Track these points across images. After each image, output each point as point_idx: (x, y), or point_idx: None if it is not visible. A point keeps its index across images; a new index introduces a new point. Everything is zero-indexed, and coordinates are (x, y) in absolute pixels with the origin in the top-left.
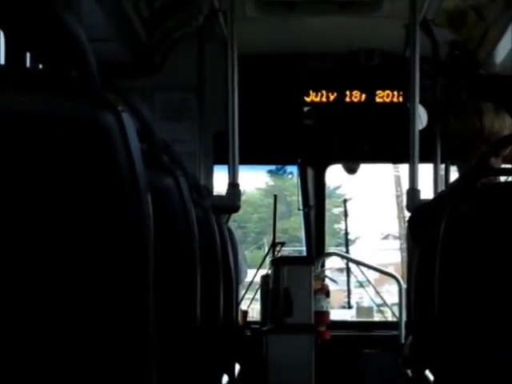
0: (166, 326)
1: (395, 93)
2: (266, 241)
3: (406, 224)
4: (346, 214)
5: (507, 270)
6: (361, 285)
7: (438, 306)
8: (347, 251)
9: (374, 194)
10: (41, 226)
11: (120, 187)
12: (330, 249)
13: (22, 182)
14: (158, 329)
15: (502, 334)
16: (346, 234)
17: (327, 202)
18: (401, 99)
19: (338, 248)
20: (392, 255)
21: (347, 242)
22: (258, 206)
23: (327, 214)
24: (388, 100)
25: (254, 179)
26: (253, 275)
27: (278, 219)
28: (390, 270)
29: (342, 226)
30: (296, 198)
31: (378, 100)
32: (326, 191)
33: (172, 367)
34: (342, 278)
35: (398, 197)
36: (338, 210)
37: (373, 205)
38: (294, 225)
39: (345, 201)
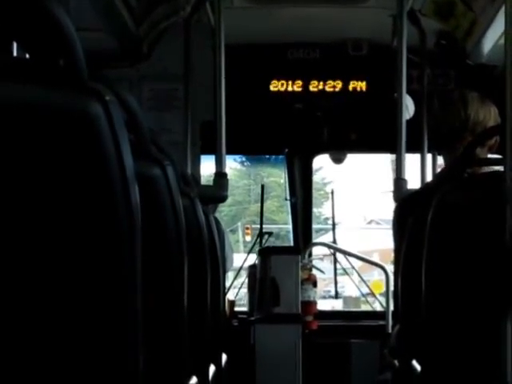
0: (152, 316)
1: (382, 83)
2: (241, 224)
3: (392, 214)
4: (333, 204)
5: (494, 259)
6: (345, 272)
7: (424, 295)
8: (334, 241)
9: (356, 178)
10: (27, 216)
11: (107, 177)
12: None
13: (7, 171)
14: (144, 318)
15: (488, 323)
16: (333, 224)
17: None
18: (388, 89)
19: (319, 234)
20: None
21: (334, 231)
22: (233, 187)
23: None
24: (375, 90)
25: (229, 159)
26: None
27: (252, 202)
28: (375, 256)
29: (323, 210)
30: (273, 179)
31: (365, 90)
32: None
33: (159, 357)
34: (324, 265)
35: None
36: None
37: (355, 188)
38: (271, 207)
39: (332, 192)
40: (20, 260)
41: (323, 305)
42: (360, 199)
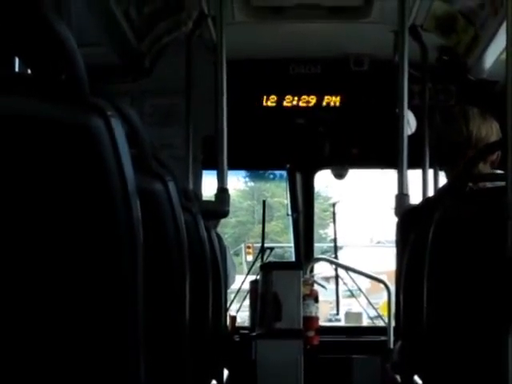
0: (154, 331)
1: (384, 98)
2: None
3: (395, 229)
4: (334, 219)
5: (496, 275)
6: (352, 294)
7: (426, 310)
8: (336, 257)
9: (363, 197)
10: (27, 228)
11: (109, 192)
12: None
13: (8, 185)
14: (146, 333)
15: (490, 338)
16: (335, 239)
17: None
18: (390, 105)
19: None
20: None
21: (336, 248)
22: (237, 208)
23: None
24: (377, 105)
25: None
26: (241, 282)
27: (256, 223)
28: (383, 278)
29: (329, 231)
30: (277, 199)
31: (366, 105)
32: None
33: (161, 372)
34: (330, 286)
35: None
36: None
37: (362, 209)
38: (276, 228)
39: (333, 204)
40: (21, 273)
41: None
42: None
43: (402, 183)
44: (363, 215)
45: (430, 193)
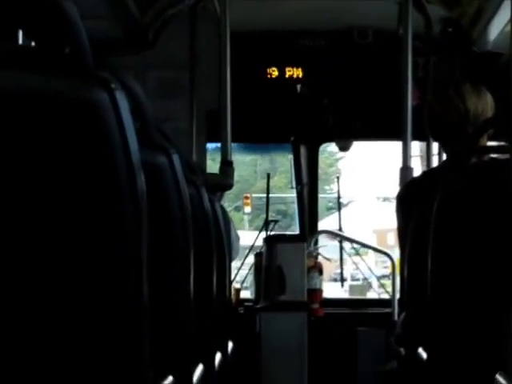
0: (158, 304)
1: (388, 71)
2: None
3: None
4: (339, 189)
5: (500, 246)
6: (357, 252)
7: (430, 282)
8: (340, 228)
9: (370, 153)
10: (32, 203)
11: (113, 164)
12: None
13: (12, 159)
14: (151, 307)
15: (495, 310)
16: (339, 208)
17: None
18: (394, 77)
19: (330, 212)
20: (392, 220)
21: (340, 218)
22: (238, 162)
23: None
24: (381, 77)
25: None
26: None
27: (260, 178)
28: (391, 236)
29: (334, 187)
30: (281, 152)
31: (370, 77)
32: None
33: (165, 345)
34: (335, 243)
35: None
36: (330, 170)
37: (368, 163)
38: (279, 184)
39: (338, 178)
40: (26, 246)
41: (332, 288)
42: (374, 176)
43: (406, 155)
44: (370, 170)
45: (435, 165)
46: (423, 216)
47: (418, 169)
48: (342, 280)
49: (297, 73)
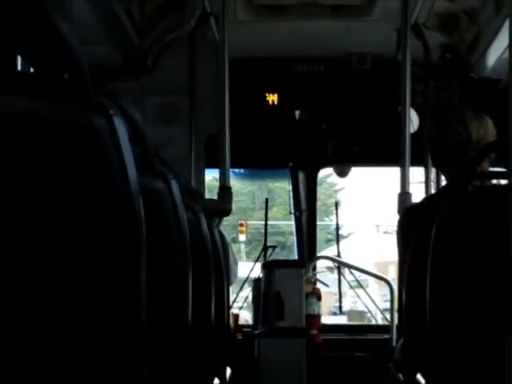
0: (157, 330)
1: (387, 96)
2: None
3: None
4: (337, 215)
5: (500, 274)
6: (359, 284)
7: (429, 308)
8: (338, 254)
9: (370, 183)
10: (30, 227)
11: (112, 191)
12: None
13: (10, 183)
14: (149, 332)
15: (493, 337)
16: (338, 235)
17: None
18: (392, 103)
19: (330, 244)
20: (392, 252)
21: (338, 245)
22: (237, 193)
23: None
24: (379, 104)
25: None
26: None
27: (258, 209)
28: (391, 268)
29: (333, 218)
30: (279, 184)
31: (369, 103)
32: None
33: (163, 370)
34: (335, 276)
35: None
36: (329, 201)
37: (368, 195)
38: (277, 215)
39: (336, 203)
40: (24, 271)
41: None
42: (373, 208)
43: (404, 181)
44: (369, 202)
45: (433, 191)
46: (422, 241)
47: (421, 195)
48: (341, 308)
49: (295, 98)
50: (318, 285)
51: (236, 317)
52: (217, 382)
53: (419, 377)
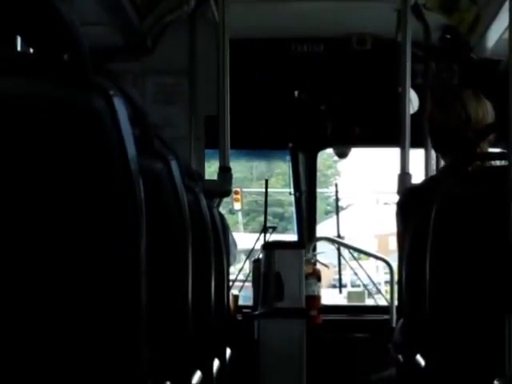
0: (157, 311)
1: (387, 77)
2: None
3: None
4: (337, 197)
5: (498, 253)
6: (357, 258)
7: (428, 288)
8: (339, 235)
9: (370, 155)
10: (29, 208)
11: (111, 171)
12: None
13: (10, 165)
14: (149, 313)
15: (493, 317)
16: (338, 216)
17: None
18: (392, 84)
19: (328, 215)
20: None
21: (338, 226)
22: (233, 165)
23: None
24: (379, 84)
25: None
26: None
27: (256, 180)
28: (392, 240)
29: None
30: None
31: (368, 84)
32: None
33: (163, 352)
34: (333, 247)
35: None
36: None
37: (369, 165)
38: (276, 185)
39: (336, 185)
40: (23, 254)
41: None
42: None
43: (404, 162)
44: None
45: (433, 172)
46: (421, 222)
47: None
48: (341, 286)
49: (295, 79)
50: (318, 265)
51: (236, 298)
52: (217, 362)
53: (419, 357)
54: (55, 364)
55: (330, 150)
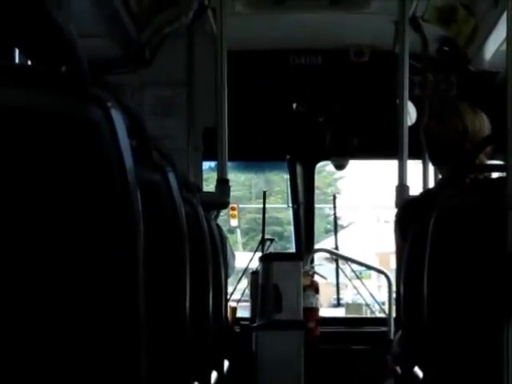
0: (155, 323)
1: (385, 89)
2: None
3: (394, 219)
4: (335, 209)
5: (497, 265)
6: (357, 276)
7: (426, 300)
8: (336, 247)
9: (370, 172)
10: (27, 220)
11: (109, 183)
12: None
13: (8, 176)
14: (147, 325)
15: (491, 329)
16: (336, 228)
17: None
18: (390, 96)
19: (329, 234)
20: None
21: (336, 237)
22: (232, 183)
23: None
24: (377, 96)
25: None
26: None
27: (255, 198)
28: (393, 258)
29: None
30: (277, 172)
31: (366, 96)
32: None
33: (161, 363)
34: (333, 266)
35: None
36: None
37: (369, 184)
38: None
39: (334, 197)
40: (21, 265)
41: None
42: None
43: (402, 174)
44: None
45: (431, 184)
46: (419, 234)
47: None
48: (339, 303)
49: (293, 91)
50: (316, 278)
51: (234, 310)
52: (215, 374)
53: (417, 369)
54: (53, 370)
55: (330, 168)
